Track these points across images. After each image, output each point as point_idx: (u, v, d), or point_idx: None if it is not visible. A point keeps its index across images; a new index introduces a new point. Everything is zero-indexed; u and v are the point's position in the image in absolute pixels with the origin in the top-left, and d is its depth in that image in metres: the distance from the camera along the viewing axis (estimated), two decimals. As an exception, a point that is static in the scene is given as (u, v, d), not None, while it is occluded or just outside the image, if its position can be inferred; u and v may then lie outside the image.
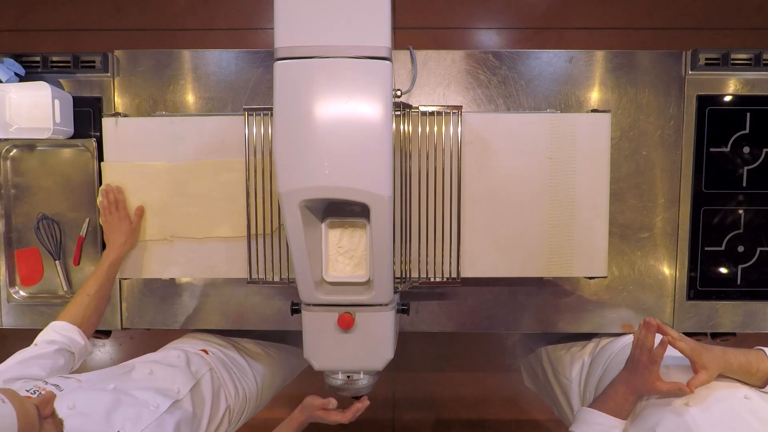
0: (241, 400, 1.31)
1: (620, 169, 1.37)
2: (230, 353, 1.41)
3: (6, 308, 1.45)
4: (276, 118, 0.94)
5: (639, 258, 1.40)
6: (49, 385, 0.90)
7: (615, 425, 0.99)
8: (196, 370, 1.21)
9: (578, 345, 1.45)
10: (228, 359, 1.37)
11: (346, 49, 0.94)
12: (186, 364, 1.20)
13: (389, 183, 0.95)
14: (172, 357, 1.21)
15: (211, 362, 1.28)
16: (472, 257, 1.24)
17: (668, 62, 1.36)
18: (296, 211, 0.97)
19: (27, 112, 1.34)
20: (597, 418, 1.00)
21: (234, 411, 1.27)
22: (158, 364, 1.13)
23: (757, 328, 1.42)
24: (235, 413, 1.29)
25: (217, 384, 1.24)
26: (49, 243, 1.40)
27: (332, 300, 1.09)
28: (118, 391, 0.96)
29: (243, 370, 1.39)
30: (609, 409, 1.00)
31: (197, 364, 1.23)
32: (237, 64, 1.38)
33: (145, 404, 0.96)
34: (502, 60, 1.37)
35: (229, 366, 1.35)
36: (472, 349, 2.50)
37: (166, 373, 1.11)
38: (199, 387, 1.16)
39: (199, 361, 1.25)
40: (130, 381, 1.03)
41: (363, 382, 1.20)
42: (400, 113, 1.16)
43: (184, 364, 1.20)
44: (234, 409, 1.27)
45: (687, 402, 0.94)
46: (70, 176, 1.40)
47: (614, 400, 1.01)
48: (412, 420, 2.50)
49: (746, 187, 1.37)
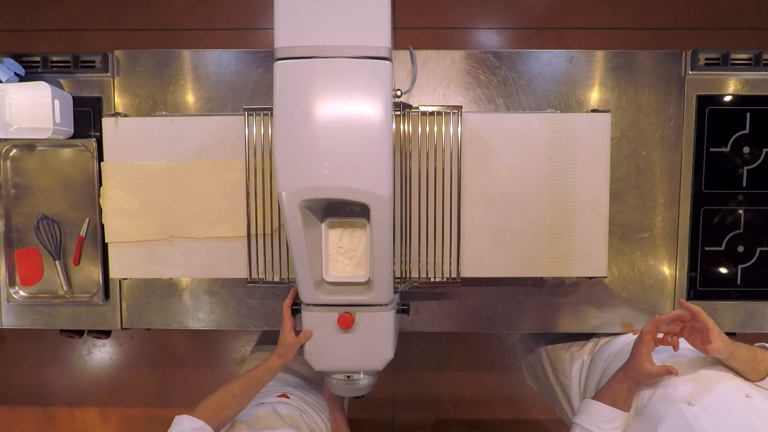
0: (328, 427, 1.32)
1: (620, 169, 1.37)
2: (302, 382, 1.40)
3: (6, 308, 1.45)
4: (276, 118, 0.94)
5: (639, 258, 1.40)
6: None
7: (616, 417, 0.99)
8: (292, 422, 1.18)
9: (578, 344, 1.45)
10: (305, 395, 1.36)
11: (346, 49, 0.94)
12: (281, 421, 1.16)
13: (389, 183, 0.95)
14: (262, 419, 1.16)
15: (297, 405, 1.26)
16: (472, 257, 1.24)
17: (668, 62, 1.36)
18: (296, 211, 0.97)
19: (27, 112, 1.34)
20: (597, 409, 1.01)
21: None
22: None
23: (757, 328, 1.42)
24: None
25: (310, 424, 1.23)
26: (49, 243, 1.40)
27: (332, 300, 1.09)
28: None
29: (319, 400, 1.38)
30: (608, 400, 1.01)
31: (288, 414, 1.20)
32: (237, 64, 1.38)
33: None
34: (502, 60, 1.37)
35: (310, 403, 1.33)
36: (472, 349, 2.51)
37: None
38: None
39: (287, 410, 1.22)
40: None
41: (363, 382, 1.20)
42: (400, 113, 1.16)
43: (279, 421, 1.16)
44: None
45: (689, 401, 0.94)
46: (70, 176, 1.40)
47: (613, 390, 1.03)
48: (412, 420, 2.50)
49: (746, 187, 1.37)
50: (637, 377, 1.00)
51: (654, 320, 1.02)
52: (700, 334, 1.01)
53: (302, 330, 1.12)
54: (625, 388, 1.01)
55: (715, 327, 0.98)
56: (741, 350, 0.99)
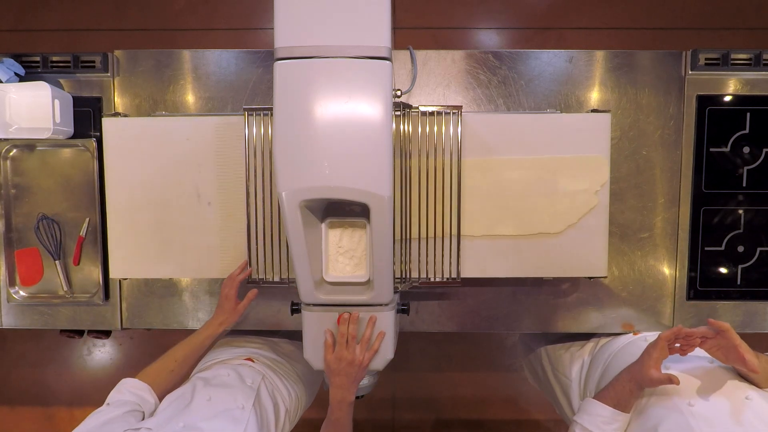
0: (294, 399, 1.31)
1: (620, 169, 1.37)
2: (271, 356, 1.40)
3: (6, 308, 1.45)
4: (276, 118, 0.94)
5: (639, 258, 1.40)
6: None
7: (616, 418, 0.99)
8: (252, 383, 1.19)
9: (578, 344, 1.45)
10: (271, 362, 1.36)
11: (345, 49, 0.94)
12: (240, 381, 1.17)
13: (389, 183, 0.95)
14: (223, 377, 1.18)
15: (260, 369, 1.27)
16: (472, 257, 1.24)
17: (668, 62, 1.36)
18: (296, 211, 0.97)
19: (27, 112, 1.34)
20: (598, 409, 1.01)
21: (291, 411, 1.28)
22: (213, 388, 1.11)
23: (757, 328, 1.42)
24: (292, 413, 1.29)
25: (271, 389, 1.23)
26: (49, 243, 1.40)
27: (332, 300, 1.09)
28: (188, 428, 0.95)
29: (286, 369, 1.39)
30: (611, 401, 1.01)
31: (250, 377, 1.21)
32: (237, 64, 1.38)
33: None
34: (502, 60, 1.37)
35: (275, 369, 1.34)
36: (472, 349, 2.50)
37: (224, 394, 1.09)
38: (259, 398, 1.15)
39: (249, 372, 1.23)
40: (193, 413, 1.01)
41: (363, 382, 1.20)
42: (400, 113, 1.16)
43: (238, 381, 1.17)
44: (290, 410, 1.27)
45: (690, 402, 0.94)
46: (70, 176, 1.40)
47: (615, 390, 1.02)
48: (412, 420, 2.50)
49: (746, 187, 1.37)
50: (640, 380, 0.99)
51: (676, 330, 0.99)
52: (724, 350, 0.99)
53: (303, 330, 1.12)
54: (628, 390, 1.00)
55: (743, 343, 0.96)
56: (761, 357, 0.98)
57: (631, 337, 1.35)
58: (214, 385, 1.12)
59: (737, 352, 0.96)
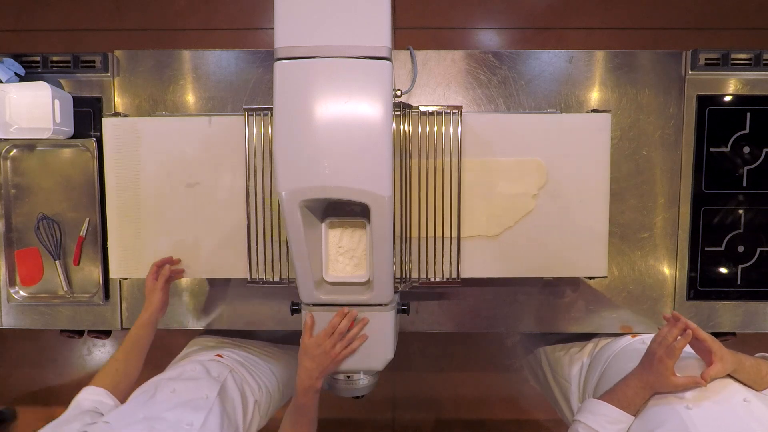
0: (264, 393, 1.32)
1: (620, 169, 1.37)
2: (243, 353, 1.41)
3: (6, 308, 1.45)
4: (276, 118, 0.94)
5: (639, 258, 1.40)
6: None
7: (621, 419, 0.98)
8: (218, 374, 1.20)
9: (577, 346, 1.45)
10: (242, 358, 1.37)
11: (346, 49, 0.94)
12: (206, 374, 1.18)
13: (389, 183, 0.95)
14: (189, 371, 1.19)
15: (228, 364, 1.28)
16: (473, 257, 1.24)
17: (668, 62, 1.36)
18: (296, 211, 0.97)
19: (27, 112, 1.34)
20: (603, 409, 1.00)
21: (261, 405, 1.28)
22: (179, 382, 1.11)
23: (757, 328, 1.42)
24: (263, 406, 1.29)
25: (240, 382, 1.23)
26: (49, 243, 1.40)
27: (332, 300, 1.09)
28: (148, 419, 0.95)
29: (259, 365, 1.39)
30: (617, 402, 0.99)
31: (217, 370, 1.22)
32: (237, 64, 1.38)
33: (179, 425, 0.95)
34: (502, 60, 1.37)
35: (245, 364, 1.35)
36: (472, 349, 2.50)
37: (189, 386, 1.10)
38: (225, 389, 1.16)
39: (216, 366, 1.24)
40: (156, 405, 1.01)
41: (363, 382, 1.20)
42: (400, 113, 1.15)
43: (204, 374, 1.18)
44: (261, 403, 1.28)
45: (688, 404, 0.93)
46: (70, 176, 1.40)
47: (624, 394, 1.00)
48: (412, 420, 2.50)
49: (746, 187, 1.37)
50: (658, 388, 0.98)
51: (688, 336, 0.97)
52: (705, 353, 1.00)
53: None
54: (641, 397, 0.99)
55: (719, 350, 0.96)
56: (743, 361, 0.98)
57: (629, 339, 1.35)
58: (180, 379, 1.13)
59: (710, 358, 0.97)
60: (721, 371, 0.95)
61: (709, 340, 0.97)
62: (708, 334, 0.98)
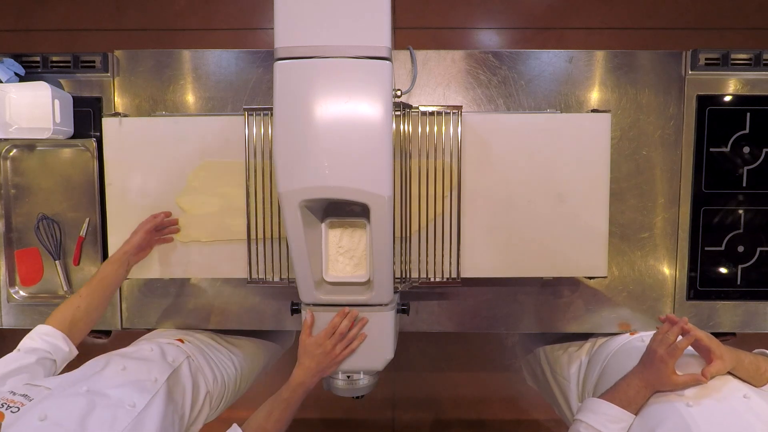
0: (219, 385, 1.30)
1: (620, 169, 1.37)
2: (207, 339, 1.40)
3: (6, 308, 1.45)
4: (276, 118, 0.94)
5: (639, 258, 1.40)
6: (17, 396, 0.85)
7: (623, 417, 0.98)
8: (173, 360, 1.17)
9: (575, 345, 1.45)
10: (204, 345, 1.36)
11: (346, 49, 0.94)
12: (161, 356, 1.16)
13: (389, 183, 0.95)
14: (145, 351, 1.17)
15: (187, 350, 1.26)
16: (472, 257, 1.24)
17: (668, 62, 1.36)
18: (296, 211, 0.97)
19: (27, 112, 1.34)
20: (604, 408, 0.99)
21: (213, 396, 1.26)
22: (131, 360, 1.09)
23: (757, 328, 1.42)
24: (215, 398, 1.27)
25: (195, 370, 1.22)
26: (49, 243, 1.40)
27: (332, 300, 1.09)
28: (91, 393, 0.91)
29: (220, 355, 1.38)
30: (618, 401, 0.99)
31: (173, 354, 1.20)
32: (237, 64, 1.38)
33: (121, 404, 0.92)
34: (502, 60, 1.37)
35: (205, 352, 1.33)
36: (472, 349, 2.51)
37: (140, 366, 1.07)
38: (177, 375, 1.13)
39: (174, 350, 1.22)
40: (103, 380, 0.98)
41: (363, 382, 1.20)
42: (400, 113, 1.16)
43: (159, 356, 1.16)
44: (213, 395, 1.26)
45: (688, 402, 0.94)
46: (70, 176, 1.40)
47: (626, 393, 1.00)
48: (412, 420, 2.50)
49: (746, 187, 1.37)
50: (659, 387, 0.98)
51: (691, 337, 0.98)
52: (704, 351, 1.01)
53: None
54: (642, 396, 0.99)
55: (717, 348, 0.97)
56: (743, 358, 0.98)
57: (627, 337, 1.35)
58: (133, 358, 1.11)
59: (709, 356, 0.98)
60: (721, 369, 0.96)
61: (706, 340, 0.97)
62: (706, 332, 0.99)
